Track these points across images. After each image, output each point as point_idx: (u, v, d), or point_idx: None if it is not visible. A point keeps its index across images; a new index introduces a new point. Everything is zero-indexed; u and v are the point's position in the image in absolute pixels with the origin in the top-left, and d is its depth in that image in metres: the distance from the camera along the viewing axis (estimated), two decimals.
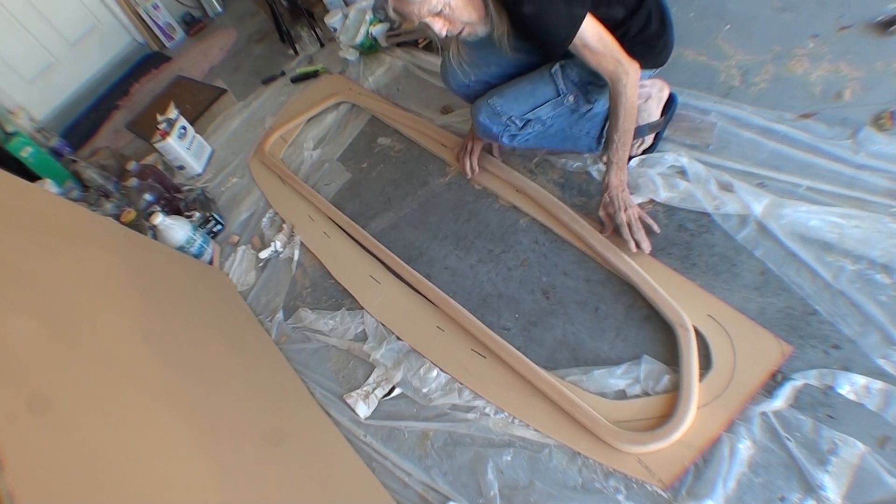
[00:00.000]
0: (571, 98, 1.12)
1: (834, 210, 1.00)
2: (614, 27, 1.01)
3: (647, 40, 1.05)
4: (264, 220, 1.67)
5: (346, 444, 1.12)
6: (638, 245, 1.08)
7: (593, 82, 1.09)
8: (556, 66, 1.10)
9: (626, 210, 1.08)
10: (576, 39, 0.95)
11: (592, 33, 0.95)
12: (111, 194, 1.83)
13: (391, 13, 0.95)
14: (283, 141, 1.89)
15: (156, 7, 2.82)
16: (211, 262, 1.61)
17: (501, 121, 1.14)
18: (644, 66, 1.07)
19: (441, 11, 0.93)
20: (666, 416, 0.93)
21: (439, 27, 0.95)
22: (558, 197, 1.27)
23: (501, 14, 0.97)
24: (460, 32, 0.98)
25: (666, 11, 1.06)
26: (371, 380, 1.20)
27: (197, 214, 1.68)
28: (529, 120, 1.14)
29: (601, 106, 1.15)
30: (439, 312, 1.22)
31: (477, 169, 1.39)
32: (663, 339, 1.02)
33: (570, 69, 1.09)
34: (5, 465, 0.49)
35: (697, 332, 0.99)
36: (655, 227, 1.09)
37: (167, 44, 2.94)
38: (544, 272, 1.19)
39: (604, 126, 1.21)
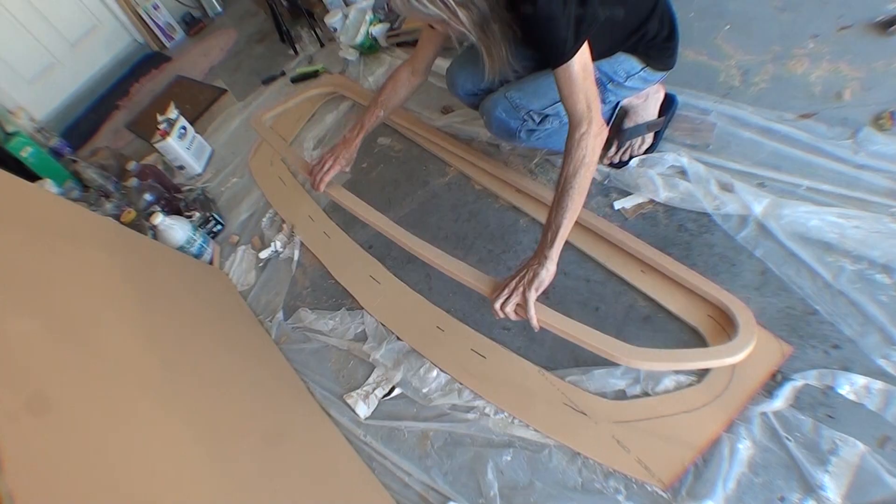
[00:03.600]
0: None
1: (834, 210, 1.00)
2: (634, 30, 1.02)
3: (660, 43, 1.05)
4: (264, 220, 1.67)
5: (346, 444, 1.12)
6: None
7: (613, 80, 1.09)
8: None
9: (507, 300, 0.93)
10: (572, 60, 0.85)
11: (581, 60, 0.87)
12: (111, 194, 1.83)
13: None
14: (283, 140, 1.89)
15: (156, 7, 2.83)
16: (211, 262, 1.61)
17: (520, 115, 1.11)
18: (657, 68, 1.09)
19: (440, 20, 0.89)
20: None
21: (438, 27, 0.94)
22: None
23: (504, 29, 0.92)
24: (458, 35, 0.94)
25: (674, 17, 1.06)
26: (371, 380, 1.20)
27: (197, 214, 1.68)
28: (548, 115, 1.12)
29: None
30: (439, 312, 1.22)
31: (322, 188, 1.27)
32: (664, 339, 1.02)
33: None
34: (5, 465, 0.49)
35: (698, 333, 0.99)
36: (534, 321, 0.92)
37: (167, 44, 2.94)
38: None
39: (606, 124, 1.21)
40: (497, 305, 0.94)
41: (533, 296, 0.91)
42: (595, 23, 0.87)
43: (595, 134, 0.89)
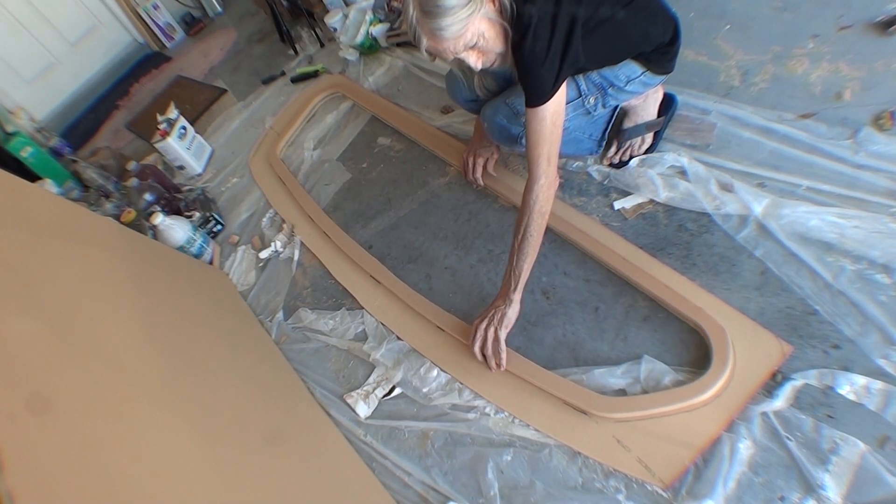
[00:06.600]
0: (592, 99, 1.12)
1: (834, 210, 1.00)
2: (640, 42, 1.02)
3: (661, 47, 1.06)
4: (264, 220, 1.67)
5: (346, 444, 1.12)
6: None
7: (613, 84, 1.09)
8: None
9: (484, 342, 1.06)
10: (546, 105, 0.91)
11: (555, 107, 0.92)
12: (111, 194, 1.83)
13: (424, 52, 0.91)
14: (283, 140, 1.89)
15: (156, 7, 2.82)
16: (211, 262, 1.61)
17: (521, 121, 1.11)
18: (657, 72, 1.09)
19: (476, 44, 0.89)
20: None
21: (474, 60, 0.93)
22: (558, 197, 1.27)
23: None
24: (492, 64, 0.96)
25: (677, 23, 1.07)
26: (371, 379, 1.20)
27: (197, 214, 1.67)
28: None
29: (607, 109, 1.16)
30: (439, 312, 1.22)
31: (482, 183, 1.37)
32: (663, 339, 1.02)
33: (591, 71, 1.09)
34: (5, 465, 0.49)
35: (697, 332, 0.99)
36: (503, 360, 1.05)
37: (167, 44, 2.94)
38: (544, 272, 1.19)
39: (606, 128, 1.21)
40: (476, 348, 1.07)
41: (503, 334, 1.05)
42: (575, 65, 0.92)
43: (549, 186, 0.97)
